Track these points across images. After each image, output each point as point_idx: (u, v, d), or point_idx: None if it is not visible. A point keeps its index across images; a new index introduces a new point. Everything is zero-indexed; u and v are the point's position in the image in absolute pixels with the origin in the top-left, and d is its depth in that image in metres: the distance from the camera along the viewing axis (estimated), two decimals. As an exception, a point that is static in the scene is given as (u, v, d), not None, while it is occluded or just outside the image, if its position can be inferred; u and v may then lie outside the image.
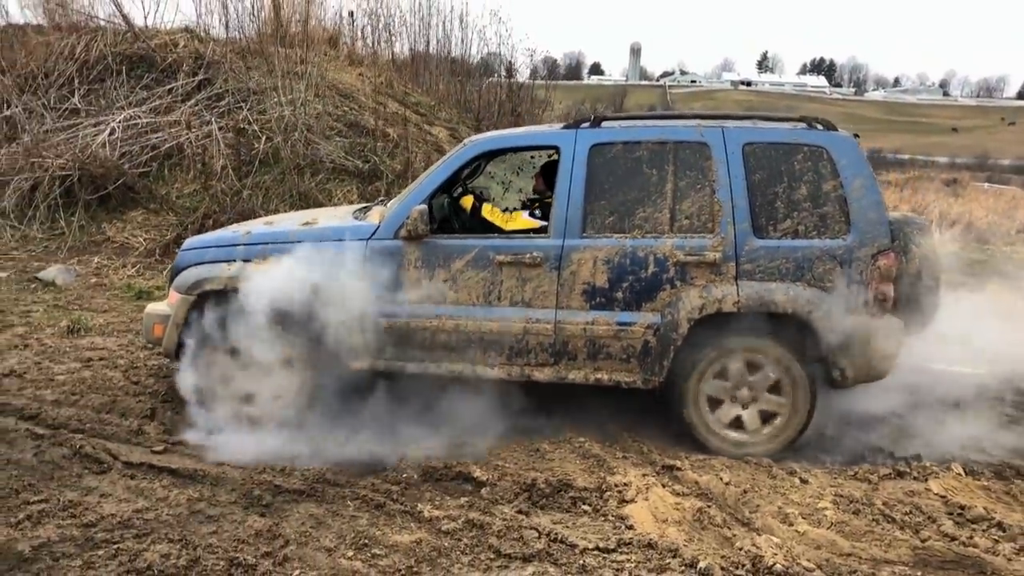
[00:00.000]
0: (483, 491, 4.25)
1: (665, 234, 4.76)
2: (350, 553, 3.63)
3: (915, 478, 4.54)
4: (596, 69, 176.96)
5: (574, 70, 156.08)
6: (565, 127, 5.10)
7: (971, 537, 3.88)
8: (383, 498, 4.14)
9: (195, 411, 4.98)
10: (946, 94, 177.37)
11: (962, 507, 4.17)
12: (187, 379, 5.00)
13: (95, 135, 10.96)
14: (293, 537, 3.74)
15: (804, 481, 4.47)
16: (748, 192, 4.72)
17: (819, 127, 4.89)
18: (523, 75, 18.49)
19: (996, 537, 3.90)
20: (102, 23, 12.84)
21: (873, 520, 4.05)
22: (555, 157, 5.15)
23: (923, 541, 3.84)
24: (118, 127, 11.08)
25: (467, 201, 5.49)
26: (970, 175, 46.41)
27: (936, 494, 4.33)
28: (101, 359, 6.20)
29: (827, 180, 4.71)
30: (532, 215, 5.31)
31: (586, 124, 5.05)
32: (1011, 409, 5.54)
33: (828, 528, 3.94)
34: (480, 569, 3.54)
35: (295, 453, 4.63)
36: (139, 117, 11.38)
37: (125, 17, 12.75)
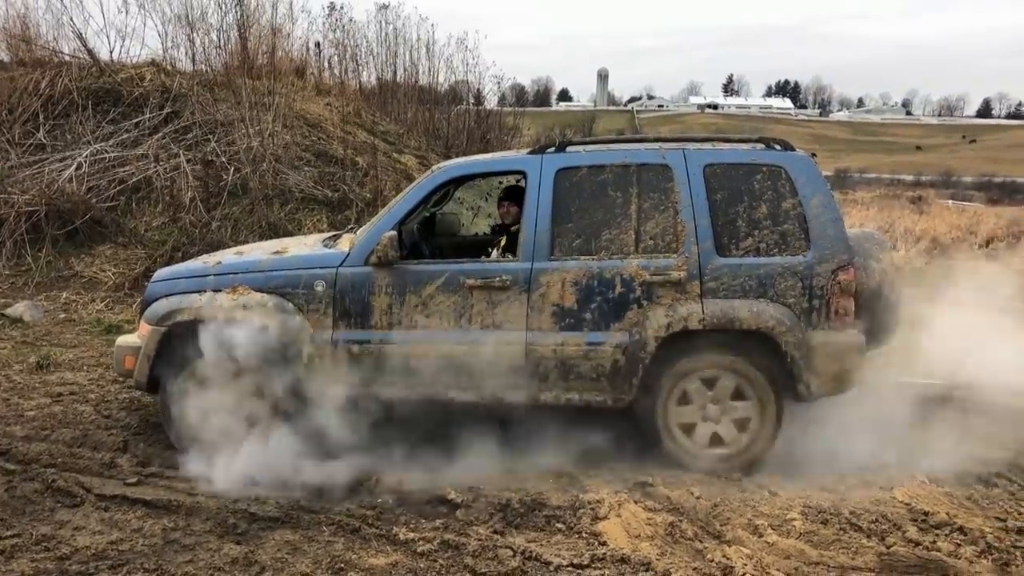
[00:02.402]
0: (458, 512, 4.29)
1: (631, 255, 4.85)
2: (326, 577, 3.65)
3: (881, 487, 4.65)
4: (564, 95, 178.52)
5: (543, 96, 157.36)
6: (531, 152, 5.20)
7: (934, 542, 3.98)
8: (359, 523, 4.16)
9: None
10: (909, 113, 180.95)
11: (926, 513, 4.28)
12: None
13: (61, 170, 10.92)
14: (269, 563, 3.76)
15: (773, 493, 4.56)
16: (710, 212, 4.83)
17: (777, 147, 5.03)
18: (491, 102, 18.68)
19: (958, 541, 4.00)
20: (67, 58, 12.82)
21: (841, 529, 4.14)
22: (521, 182, 5.23)
23: (888, 547, 3.93)
24: (85, 162, 11.05)
25: None
26: (935, 192, 47.27)
27: (901, 502, 4.44)
28: (71, 394, 6.18)
29: (786, 199, 4.83)
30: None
31: (552, 149, 5.14)
32: (971, 417, 5.66)
33: (797, 538, 4.02)
34: (456, 589, 3.58)
35: (270, 480, 4.64)
36: (106, 151, 11.36)
37: (90, 52, 12.75)
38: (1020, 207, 36.41)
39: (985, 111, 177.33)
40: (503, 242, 5.47)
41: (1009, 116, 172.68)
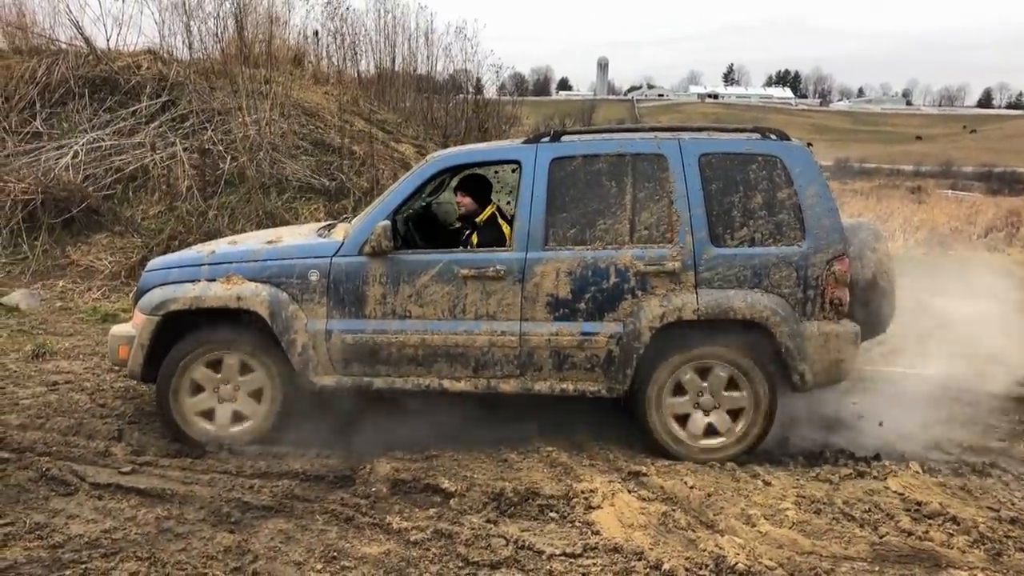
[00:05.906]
0: (452, 502, 4.29)
1: (625, 245, 4.84)
2: (319, 566, 3.65)
3: (875, 477, 4.65)
4: (564, 84, 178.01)
5: (542, 85, 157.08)
6: (525, 142, 5.18)
7: (927, 532, 3.99)
8: (352, 511, 4.16)
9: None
10: (909, 103, 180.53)
11: (919, 503, 4.28)
12: None
13: (58, 158, 10.90)
14: (262, 552, 3.76)
15: (767, 483, 4.56)
16: (705, 202, 4.82)
17: (773, 137, 5.01)
18: (491, 91, 18.64)
19: (951, 531, 4.01)
20: (63, 46, 12.78)
21: (833, 519, 4.14)
22: (515, 171, 5.21)
23: (881, 537, 3.93)
24: (81, 150, 11.03)
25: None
26: (934, 183, 47.14)
27: (894, 492, 4.44)
28: (67, 382, 6.18)
29: (782, 188, 4.82)
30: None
31: (546, 138, 5.12)
32: (965, 408, 5.67)
33: (790, 528, 4.02)
34: (448, 578, 3.58)
35: (264, 469, 4.65)
36: (103, 140, 11.33)
37: (87, 40, 12.70)
38: (1020, 197, 36.44)
39: (986, 101, 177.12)
40: (475, 239, 5.41)
41: (1010, 106, 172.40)
